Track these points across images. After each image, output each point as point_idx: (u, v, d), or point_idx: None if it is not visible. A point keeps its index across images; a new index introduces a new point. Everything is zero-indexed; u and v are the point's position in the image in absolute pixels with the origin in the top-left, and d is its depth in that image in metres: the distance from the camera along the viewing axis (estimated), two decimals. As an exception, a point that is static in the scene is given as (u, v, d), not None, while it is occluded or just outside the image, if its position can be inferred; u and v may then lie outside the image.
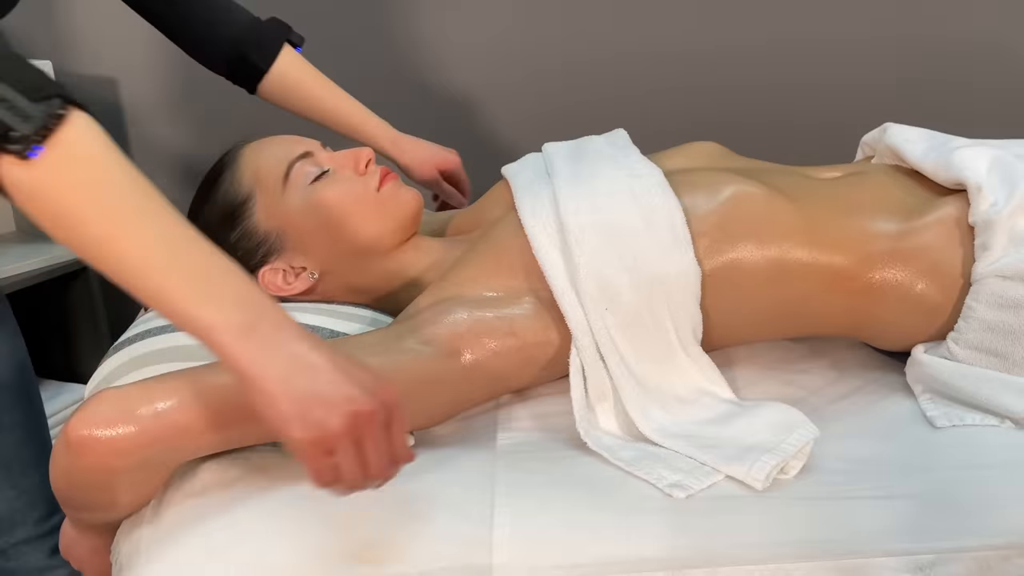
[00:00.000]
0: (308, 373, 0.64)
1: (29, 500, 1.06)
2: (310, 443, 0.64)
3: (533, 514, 0.78)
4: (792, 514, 0.78)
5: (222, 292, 0.65)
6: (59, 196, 0.63)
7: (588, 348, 0.88)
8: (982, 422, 0.87)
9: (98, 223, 0.63)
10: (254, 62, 1.20)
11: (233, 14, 1.21)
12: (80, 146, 0.64)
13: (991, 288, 0.87)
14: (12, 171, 0.62)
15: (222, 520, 0.78)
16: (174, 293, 0.64)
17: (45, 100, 0.62)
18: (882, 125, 1.09)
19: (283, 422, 0.64)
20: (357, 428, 0.64)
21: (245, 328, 0.64)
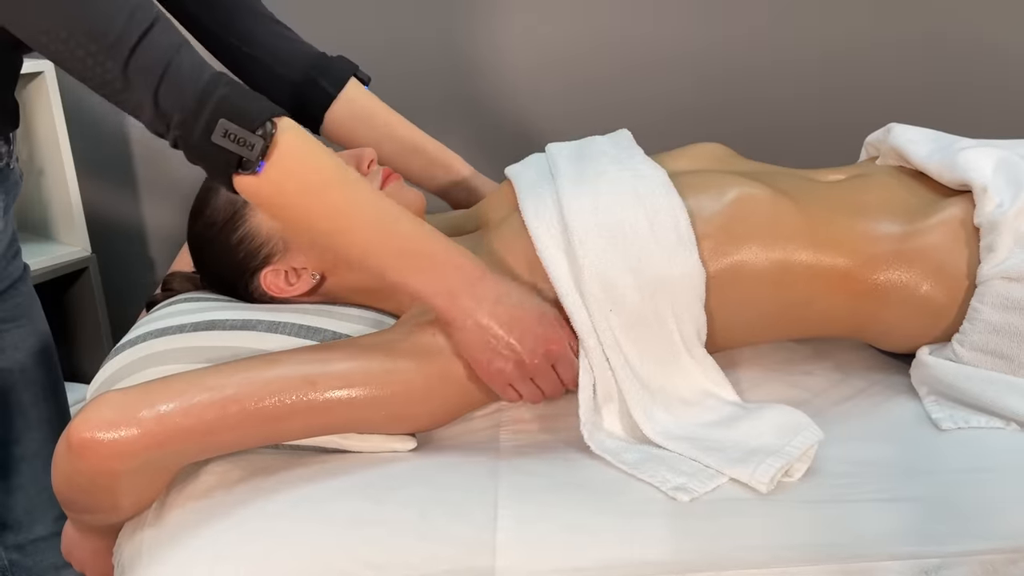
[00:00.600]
0: (496, 329, 0.84)
1: (49, 497, 1.07)
2: (494, 381, 0.85)
3: (536, 517, 0.78)
4: (796, 517, 0.77)
5: (426, 264, 0.84)
6: (287, 202, 0.81)
7: (594, 350, 0.87)
8: (987, 424, 0.86)
9: (325, 220, 0.83)
10: (324, 87, 1.15)
11: (301, 44, 1.17)
12: (289, 157, 0.79)
13: (996, 290, 0.87)
14: (245, 183, 0.80)
15: (225, 523, 0.78)
16: (391, 269, 0.84)
17: (262, 126, 0.77)
18: (886, 126, 1.08)
19: (479, 364, 0.85)
20: (530, 369, 0.85)
21: (448, 293, 0.83)
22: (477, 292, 0.84)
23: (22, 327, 1.08)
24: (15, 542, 1.06)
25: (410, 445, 0.88)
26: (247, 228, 0.98)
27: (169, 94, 0.77)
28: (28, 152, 1.73)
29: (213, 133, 0.76)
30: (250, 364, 0.81)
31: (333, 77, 1.15)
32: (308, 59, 1.15)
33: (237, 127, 0.77)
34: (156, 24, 0.78)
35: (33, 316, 1.09)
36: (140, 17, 0.77)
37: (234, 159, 0.77)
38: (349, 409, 0.82)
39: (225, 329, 0.91)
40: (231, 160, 0.77)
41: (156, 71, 0.77)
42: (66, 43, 0.75)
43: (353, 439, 0.86)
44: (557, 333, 0.86)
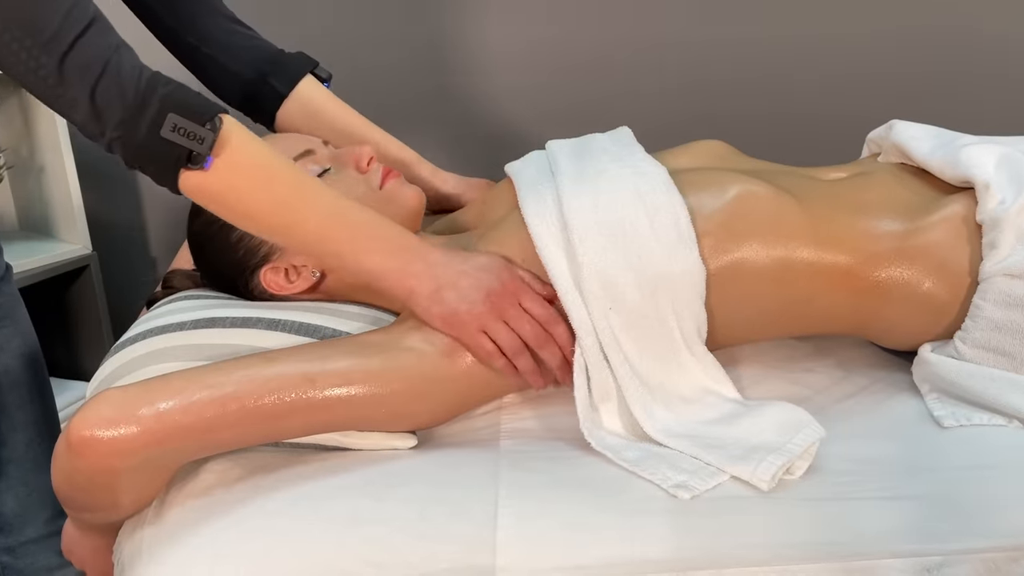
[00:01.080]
0: (451, 287, 0.86)
1: (40, 499, 1.06)
2: (465, 330, 0.85)
3: (536, 515, 0.78)
4: (798, 515, 0.77)
5: (380, 246, 0.87)
6: (237, 196, 0.82)
7: (592, 348, 0.87)
8: (989, 422, 0.86)
9: (276, 212, 0.84)
10: (273, 85, 1.14)
11: (257, 41, 1.16)
12: (237, 151, 0.81)
13: (999, 287, 0.86)
14: (192, 180, 0.80)
15: (224, 521, 0.78)
16: (347, 254, 0.86)
17: (211, 120, 0.78)
18: (888, 122, 1.08)
19: (443, 324, 0.86)
20: (495, 307, 0.85)
21: (402, 271, 0.86)
22: (430, 259, 0.87)
23: (5, 328, 1.07)
24: (6, 544, 1.06)
25: (410, 443, 0.88)
26: (247, 226, 0.98)
27: (108, 91, 0.77)
28: (29, 150, 1.73)
29: (162, 128, 0.77)
30: (250, 362, 0.81)
31: (286, 76, 1.14)
32: (263, 58, 1.14)
33: (186, 121, 0.77)
34: (94, 24, 0.78)
35: (17, 317, 1.08)
36: (77, 15, 0.76)
37: (184, 154, 0.77)
38: (349, 407, 0.82)
39: (225, 327, 0.91)
40: (181, 155, 0.78)
41: (94, 69, 0.76)
42: (0, 37, 0.74)
43: (353, 437, 0.86)
44: (513, 272, 0.89)
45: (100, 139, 0.79)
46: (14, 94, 1.70)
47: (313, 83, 1.17)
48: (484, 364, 0.87)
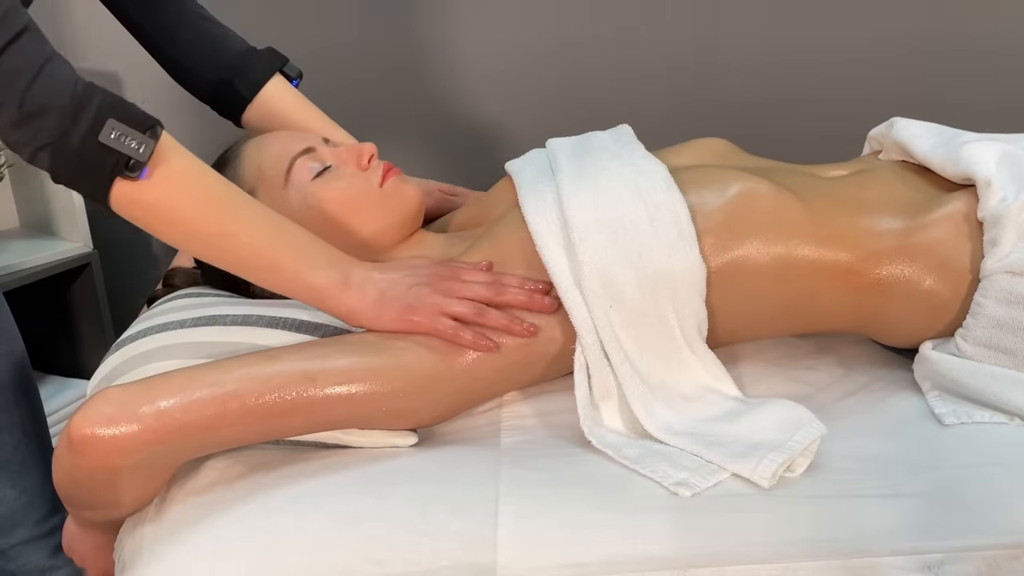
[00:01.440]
0: (393, 289, 0.86)
1: (29, 500, 1.06)
2: (422, 321, 0.85)
3: (537, 513, 0.77)
4: (799, 513, 0.77)
5: (319, 260, 0.86)
6: (175, 205, 0.81)
7: (592, 346, 0.87)
8: (991, 420, 0.86)
9: (215, 222, 0.83)
10: (238, 90, 1.12)
11: (226, 41, 1.14)
12: (172, 161, 0.80)
13: (1000, 284, 0.86)
14: (125, 191, 0.78)
15: (225, 519, 0.78)
16: (287, 267, 0.85)
17: (151, 128, 0.77)
18: (889, 120, 1.08)
19: (398, 323, 0.85)
20: (441, 289, 0.86)
21: (342, 283, 0.86)
22: (366, 270, 0.88)
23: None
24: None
25: (411, 440, 0.88)
26: (248, 223, 0.98)
27: (40, 97, 0.75)
28: (29, 148, 1.73)
29: (100, 133, 0.75)
30: (251, 360, 0.81)
31: (250, 80, 1.13)
32: (228, 61, 1.13)
33: (126, 127, 0.76)
34: (26, 31, 0.76)
35: (1, 319, 1.08)
36: (11, 22, 0.75)
37: (122, 161, 0.76)
38: (350, 405, 0.81)
39: (226, 324, 0.91)
40: (118, 162, 0.76)
41: (25, 74, 0.75)
42: None
43: (354, 434, 0.86)
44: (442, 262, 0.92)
45: (23, 148, 0.77)
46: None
47: (279, 85, 1.15)
48: (453, 343, 0.86)
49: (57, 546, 1.08)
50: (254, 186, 0.99)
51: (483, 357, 0.87)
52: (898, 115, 1.09)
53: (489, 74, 1.79)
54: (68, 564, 1.09)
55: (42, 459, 1.08)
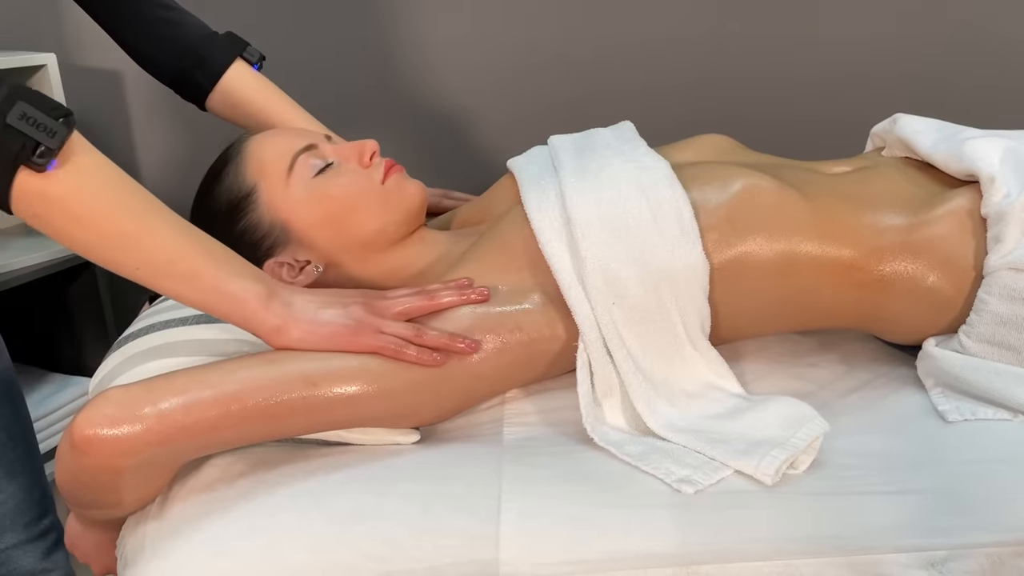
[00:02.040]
0: (323, 312, 0.82)
1: (16, 505, 1.04)
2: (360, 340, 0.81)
3: (539, 509, 0.77)
4: (801, 509, 0.77)
5: (242, 271, 0.80)
6: (84, 200, 0.74)
7: (595, 343, 0.87)
8: (994, 416, 0.86)
9: (126, 220, 0.75)
10: (198, 78, 1.13)
11: (186, 28, 1.15)
12: (83, 155, 0.74)
13: (1003, 280, 0.86)
14: (30, 182, 0.71)
15: (227, 516, 0.78)
16: (206, 273, 0.78)
17: (64, 117, 0.72)
18: (892, 116, 1.08)
19: (334, 340, 0.81)
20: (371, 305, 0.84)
21: (267, 296, 0.80)
22: (291, 288, 0.83)
23: None
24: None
25: (413, 438, 0.87)
26: (249, 220, 0.98)
27: None
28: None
29: (9, 115, 0.69)
30: (252, 362, 0.80)
31: (210, 67, 1.14)
32: (187, 48, 1.14)
33: (38, 111, 0.70)
34: None
35: None
36: None
37: (30, 146, 0.70)
38: (350, 406, 0.81)
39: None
40: (26, 147, 0.70)
41: None
42: None
43: (356, 433, 0.85)
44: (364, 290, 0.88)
45: None
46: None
47: (239, 70, 1.15)
48: (397, 359, 0.82)
49: (48, 549, 1.07)
50: (256, 182, 0.98)
51: (485, 357, 0.86)
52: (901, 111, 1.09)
53: (490, 71, 1.79)
54: (60, 567, 1.09)
55: (28, 463, 1.06)
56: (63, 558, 1.09)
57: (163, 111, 1.87)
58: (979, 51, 1.68)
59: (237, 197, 0.98)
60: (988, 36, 1.67)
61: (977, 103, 1.69)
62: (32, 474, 1.06)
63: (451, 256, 1.00)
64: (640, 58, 1.74)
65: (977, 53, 1.68)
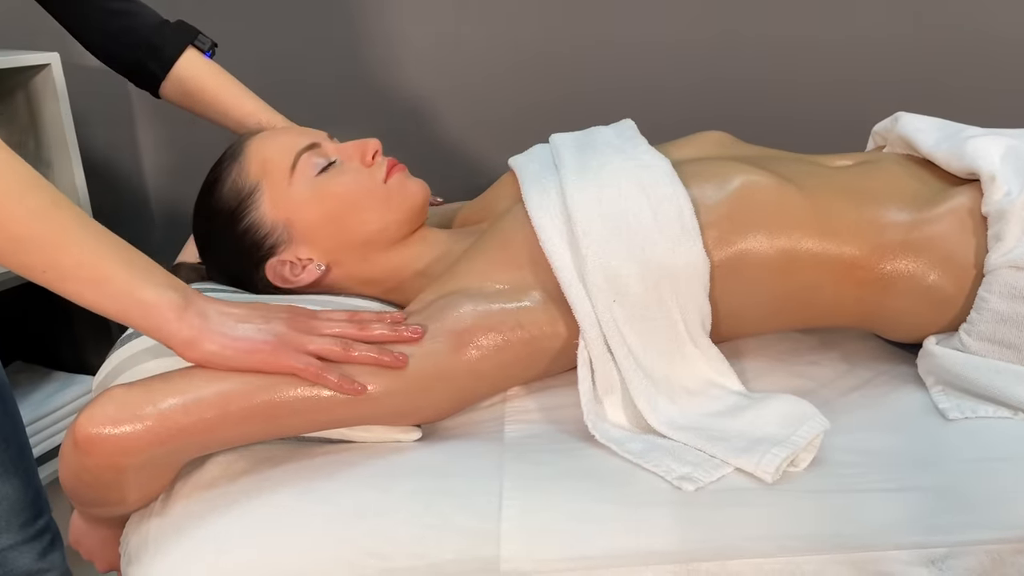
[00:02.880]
0: (242, 325, 0.77)
1: (11, 506, 1.04)
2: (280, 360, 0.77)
3: (541, 506, 0.78)
4: (802, 507, 0.77)
5: (156, 278, 0.75)
6: None
7: (596, 340, 0.87)
8: (995, 414, 0.86)
9: (32, 223, 0.71)
10: (150, 68, 1.16)
11: (138, 18, 1.17)
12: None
13: (1004, 279, 0.86)
14: None
15: (229, 514, 0.78)
16: (116, 278, 0.73)
17: None
18: (894, 115, 1.08)
19: (244, 362, 0.76)
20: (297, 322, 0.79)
21: (182, 305, 0.75)
22: (209, 299, 0.79)
23: None
24: None
25: (414, 436, 0.88)
26: (252, 218, 0.98)
27: None
28: (35, 144, 1.73)
29: None
30: None
31: (162, 56, 1.17)
32: (139, 40, 1.16)
33: None
34: None
35: None
36: None
37: None
38: (350, 405, 0.80)
39: (230, 320, 0.91)
40: None
41: None
42: None
43: (358, 430, 0.85)
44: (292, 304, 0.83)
45: None
46: (20, 88, 1.70)
47: (192, 58, 1.18)
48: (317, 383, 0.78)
49: (44, 549, 1.07)
50: (258, 181, 0.99)
51: (486, 355, 0.86)
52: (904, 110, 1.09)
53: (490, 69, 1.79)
54: (57, 567, 1.08)
55: (22, 463, 1.05)
56: (59, 558, 1.09)
57: (166, 110, 1.87)
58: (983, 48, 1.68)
59: (240, 196, 0.99)
60: (991, 34, 1.67)
61: (978, 103, 1.69)
62: (26, 474, 1.06)
63: (452, 254, 1.01)
64: (639, 57, 1.74)
65: (978, 54, 1.68)
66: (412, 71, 1.80)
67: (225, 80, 1.19)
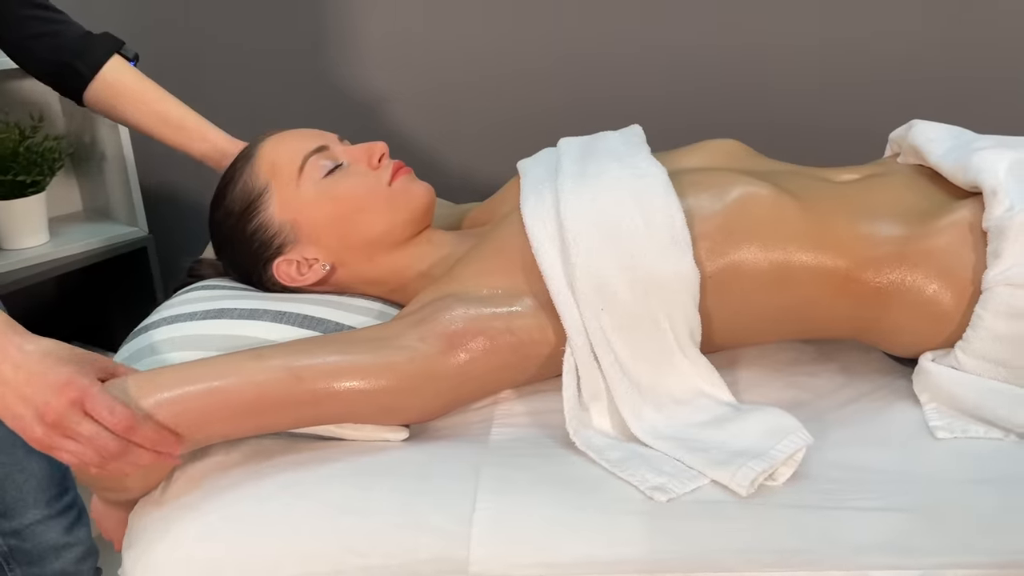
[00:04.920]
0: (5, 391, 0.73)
1: (38, 482, 1.10)
2: (25, 436, 0.74)
3: (514, 511, 0.79)
4: (775, 522, 0.77)
5: None
6: None
7: (582, 348, 0.88)
8: (986, 435, 0.84)
9: None
10: (78, 69, 1.18)
11: (65, 26, 1.20)
12: None
13: (1001, 297, 0.84)
14: None
15: (218, 504, 0.82)
16: None
17: None
18: (909, 122, 1.05)
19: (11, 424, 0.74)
20: (49, 412, 0.73)
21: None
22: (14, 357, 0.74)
23: None
24: (11, 528, 1.09)
25: (402, 435, 0.90)
26: (261, 219, 1.02)
27: None
28: (91, 138, 1.81)
29: None
30: (240, 357, 0.83)
31: (90, 59, 1.19)
32: (68, 41, 1.18)
33: None
34: None
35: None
36: None
37: None
38: (336, 402, 0.83)
39: (232, 318, 0.95)
40: None
41: None
42: None
43: (347, 428, 0.88)
44: (74, 379, 0.73)
45: None
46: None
47: (118, 65, 1.20)
48: None
49: (71, 524, 1.13)
50: (268, 183, 1.02)
51: (475, 359, 0.88)
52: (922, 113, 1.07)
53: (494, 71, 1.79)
54: (83, 542, 1.14)
55: None
56: (86, 533, 1.15)
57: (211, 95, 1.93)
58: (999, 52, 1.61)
59: (250, 197, 1.02)
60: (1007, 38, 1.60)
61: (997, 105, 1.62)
62: None
63: (455, 257, 1.02)
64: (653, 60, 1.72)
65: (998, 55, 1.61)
66: (422, 73, 1.81)
67: (154, 85, 1.22)
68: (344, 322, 0.97)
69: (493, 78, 1.79)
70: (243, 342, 0.91)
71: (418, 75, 1.82)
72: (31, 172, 1.64)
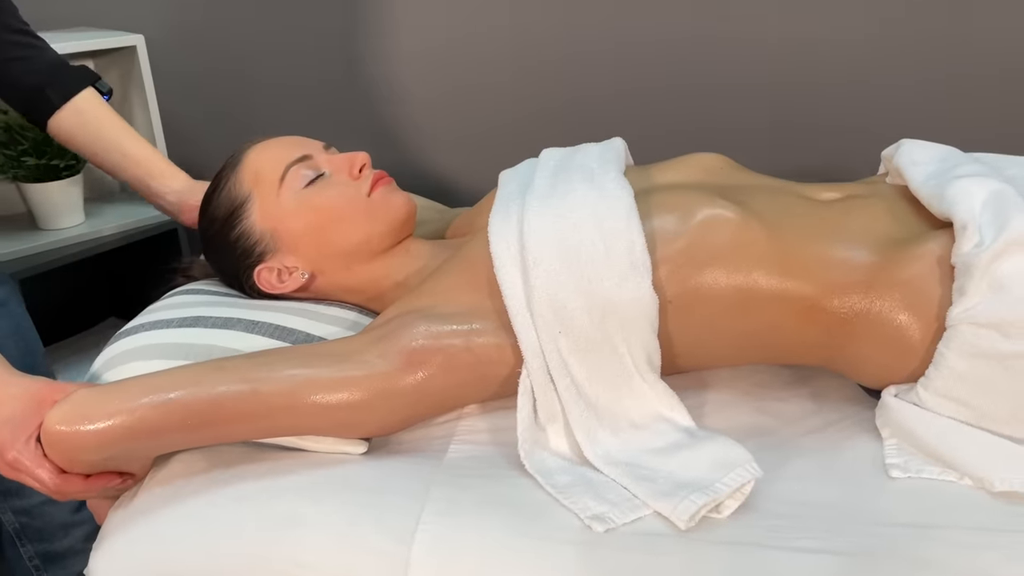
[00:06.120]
0: None
1: None
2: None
3: (455, 533, 0.80)
4: (709, 558, 0.77)
5: None
6: None
7: (538, 371, 0.88)
8: (939, 476, 0.82)
9: None
10: (49, 96, 1.20)
11: (42, 52, 1.22)
12: None
13: (964, 336, 0.81)
14: None
15: (177, 510, 0.86)
16: None
17: None
18: (899, 141, 1.01)
19: None
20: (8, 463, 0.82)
21: None
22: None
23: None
24: (21, 507, 1.16)
25: (360, 449, 0.91)
26: (243, 227, 1.04)
27: None
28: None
29: None
30: (199, 368, 0.86)
31: (63, 88, 1.20)
32: (43, 68, 1.20)
33: None
34: None
35: (10, 305, 1.16)
36: None
37: None
38: (293, 415, 0.85)
39: (206, 327, 0.98)
40: None
41: None
42: None
43: (308, 440, 0.90)
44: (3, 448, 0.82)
45: None
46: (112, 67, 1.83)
47: (92, 96, 1.22)
48: None
49: (78, 504, 1.19)
50: (251, 191, 1.04)
51: (433, 376, 0.89)
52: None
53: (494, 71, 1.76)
54: (89, 520, 1.21)
55: None
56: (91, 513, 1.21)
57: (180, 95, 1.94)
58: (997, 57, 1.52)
59: (233, 204, 1.05)
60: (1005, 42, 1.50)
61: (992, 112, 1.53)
62: None
63: (429, 269, 1.03)
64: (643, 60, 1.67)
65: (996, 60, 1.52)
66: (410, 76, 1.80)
67: (123, 122, 1.25)
68: (315, 332, 0.99)
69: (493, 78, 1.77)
70: (216, 351, 0.94)
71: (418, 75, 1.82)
72: (64, 156, 1.70)
